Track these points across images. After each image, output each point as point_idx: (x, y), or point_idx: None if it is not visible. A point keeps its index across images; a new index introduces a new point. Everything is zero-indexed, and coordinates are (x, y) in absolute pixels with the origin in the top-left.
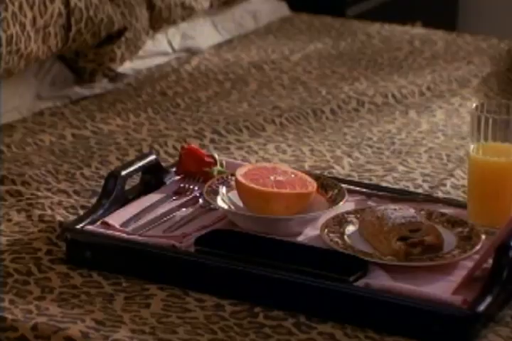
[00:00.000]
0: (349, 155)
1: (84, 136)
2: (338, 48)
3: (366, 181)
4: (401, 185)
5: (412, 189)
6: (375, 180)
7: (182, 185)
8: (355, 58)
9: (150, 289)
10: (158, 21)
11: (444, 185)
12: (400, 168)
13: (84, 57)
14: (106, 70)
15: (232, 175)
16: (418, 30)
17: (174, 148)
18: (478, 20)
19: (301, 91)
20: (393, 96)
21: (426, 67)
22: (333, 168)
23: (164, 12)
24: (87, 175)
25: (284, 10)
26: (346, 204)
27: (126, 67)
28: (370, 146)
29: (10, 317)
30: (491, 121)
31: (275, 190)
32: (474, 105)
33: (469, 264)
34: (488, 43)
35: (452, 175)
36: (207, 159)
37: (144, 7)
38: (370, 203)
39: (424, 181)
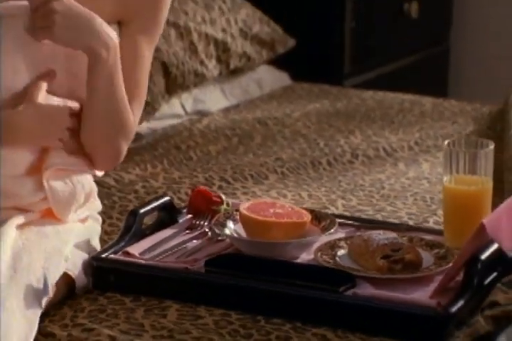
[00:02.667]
0: (343, 198)
1: (108, 184)
2: (335, 107)
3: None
4: None
5: None
6: None
7: (193, 222)
8: (351, 114)
9: (166, 303)
10: (173, 86)
11: (428, 222)
12: (388, 208)
13: None
14: None
15: (237, 210)
16: (408, 96)
17: (186, 194)
18: (466, 89)
19: (301, 143)
20: (384, 150)
21: (415, 124)
22: (328, 208)
23: (179, 79)
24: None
25: (286, 79)
26: (337, 234)
27: (143, 126)
28: (362, 190)
29: (49, 329)
30: (461, 155)
31: (275, 219)
32: (446, 142)
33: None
34: (472, 107)
35: (435, 214)
36: (214, 198)
37: (160, 74)
38: (358, 234)
39: (409, 219)
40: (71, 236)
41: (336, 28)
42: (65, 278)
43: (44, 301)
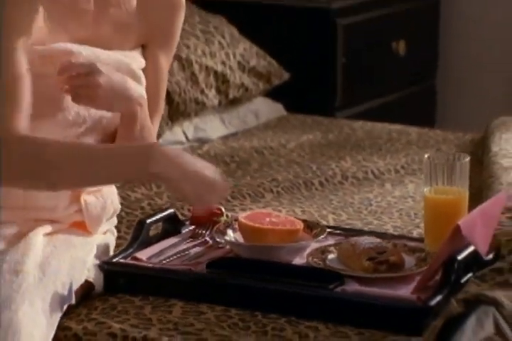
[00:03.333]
0: (333, 213)
1: None
2: (327, 138)
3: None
4: None
5: None
6: None
7: (195, 231)
8: (342, 144)
9: (171, 301)
10: (175, 113)
11: (411, 233)
12: (375, 222)
13: None
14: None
15: (236, 220)
16: (396, 126)
17: (188, 210)
18: (452, 121)
19: (296, 168)
20: (372, 172)
21: (401, 151)
22: (319, 222)
23: (181, 106)
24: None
25: (281, 110)
26: (328, 241)
27: None
28: (351, 207)
29: (66, 324)
30: (439, 167)
31: (270, 227)
32: (426, 155)
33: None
34: (455, 136)
35: (418, 227)
36: (215, 210)
37: (164, 101)
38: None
39: (394, 231)
40: (94, 248)
41: (328, 63)
42: (85, 283)
43: (65, 306)
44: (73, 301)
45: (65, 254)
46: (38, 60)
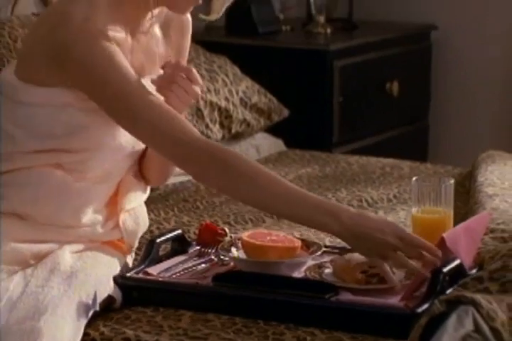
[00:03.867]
0: (330, 236)
1: None
2: (324, 171)
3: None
4: None
5: None
6: None
7: (201, 250)
8: (338, 177)
9: (181, 311)
10: None
11: None
12: None
13: None
14: None
15: (239, 239)
16: (389, 160)
17: (194, 233)
18: (443, 159)
19: None
20: (366, 201)
21: (394, 183)
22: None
23: None
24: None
25: (281, 146)
26: (324, 258)
27: None
28: None
29: (84, 330)
30: (426, 189)
31: (271, 244)
32: (414, 178)
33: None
34: (445, 169)
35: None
36: (220, 231)
37: None
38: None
39: None
40: (118, 266)
41: (326, 102)
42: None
43: (90, 313)
44: (97, 308)
45: (92, 270)
46: None
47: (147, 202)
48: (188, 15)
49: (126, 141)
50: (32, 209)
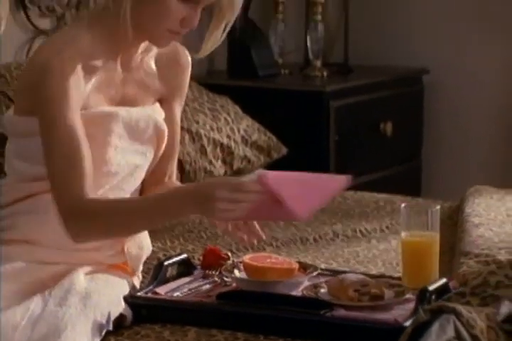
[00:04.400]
0: (325, 263)
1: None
2: None
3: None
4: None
5: None
6: None
7: (206, 272)
8: (334, 211)
9: (187, 327)
10: (186, 181)
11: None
12: (362, 269)
13: None
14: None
15: (241, 262)
16: (382, 195)
17: (199, 259)
18: (435, 192)
19: (293, 229)
20: (360, 231)
21: (387, 216)
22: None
23: (191, 174)
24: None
25: None
26: (319, 279)
27: None
28: (341, 257)
29: None
30: (413, 214)
31: (270, 265)
32: (403, 205)
33: (402, 307)
34: (436, 203)
35: (399, 273)
36: (223, 255)
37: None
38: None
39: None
40: (127, 287)
41: (323, 140)
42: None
43: (104, 332)
44: (111, 328)
45: (105, 290)
46: (84, 123)
47: (154, 233)
48: (188, 57)
49: (118, 167)
50: (40, 235)
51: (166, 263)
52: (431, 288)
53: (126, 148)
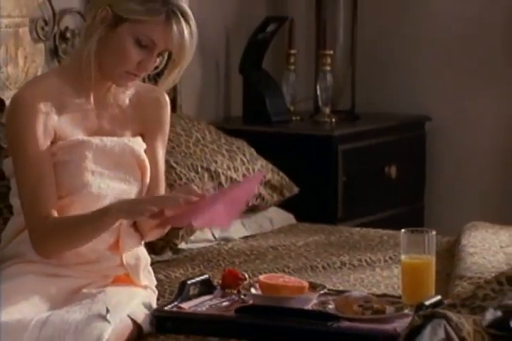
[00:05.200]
0: (333, 286)
1: (160, 279)
2: (329, 240)
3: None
4: None
5: None
6: None
7: (225, 291)
8: (341, 245)
9: (208, 338)
10: None
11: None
12: (367, 291)
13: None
14: (171, 245)
15: (257, 281)
16: (386, 231)
17: (218, 283)
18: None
19: (303, 259)
20: (365, 261)
21: (390, 249)
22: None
23: None
24: None
25: (292, 219)
26: (327, 298)
27: (184, 246)
28: (348, 282)
29: None
30: (412, 239)
31: (283, 283)
32: (403, 230)
33: (401, 321)
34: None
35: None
36: (240, 276)
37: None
38: None
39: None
40: (136, 296)
41: (331, 181)
42: (135, 325)
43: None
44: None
45: (111, 293)
46: (60, 150)
47: (177, 262)
48: (166, 96)
49: (100, 189)
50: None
51: (188, 282)
52: (427, 302)
53: (104, 174)
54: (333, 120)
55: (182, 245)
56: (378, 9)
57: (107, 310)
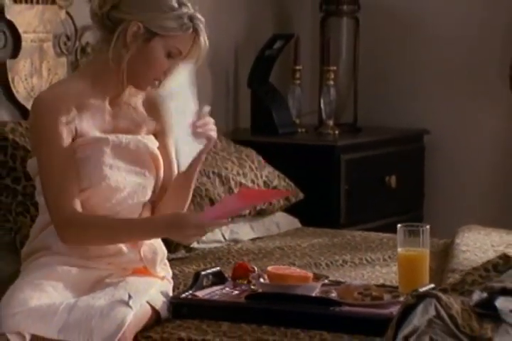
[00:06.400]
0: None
1: (175, 273)
2: (332, 241)
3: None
4: None
5: None
6: None
7: (235, 282)
8: (344, 246)
9: (220, 323)
10: None
11: None
12: None
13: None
14: (184, 244)
15: (265, 272)
16: (386, 234)
17: (228, 276)
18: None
19: (308, 258)
20: (366, 259)
21: (389, 249)
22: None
23: None
24: None
25: (297, 223)
26: (330, 288)
27: (196, 246)
28: (349, 277)
29: (148, 334)
30: (407, 232)
31: (290, 273)
32: (399, 225)
33: (397, 307)
34: (432, 240)
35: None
36: (250, 268)
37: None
38: None
39: None
40: (154, 285)
41: (334, 189)
42: (153, 311)
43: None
44: (131, 304)
45: (132, 281)
46: (80, 147)
47: (190, 259)
48: (161, 96)
49: (117, 182)
50: (67, 249)
51: (202, 273)
52: (421, 290)
53: (121, 167)
54: (336, 132)
55: (194, 245)
56: (380, 28)
57: (129, 296)
